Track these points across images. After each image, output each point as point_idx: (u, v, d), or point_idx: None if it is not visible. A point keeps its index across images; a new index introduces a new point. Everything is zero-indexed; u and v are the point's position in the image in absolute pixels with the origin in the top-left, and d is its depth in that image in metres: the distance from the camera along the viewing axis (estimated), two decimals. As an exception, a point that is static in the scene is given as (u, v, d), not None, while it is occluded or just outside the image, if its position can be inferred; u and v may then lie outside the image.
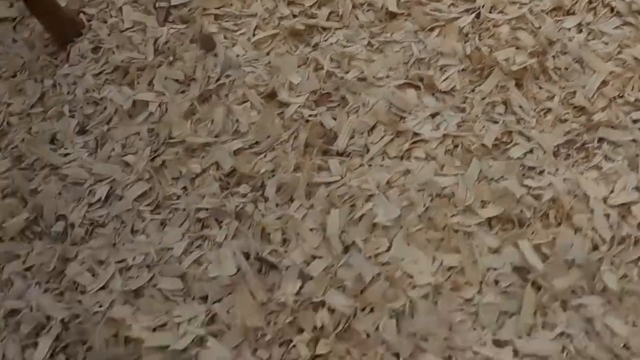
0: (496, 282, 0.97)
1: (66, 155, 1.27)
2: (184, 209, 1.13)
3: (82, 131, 1.31)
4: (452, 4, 1.31)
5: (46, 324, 1.05)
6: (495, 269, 0.97)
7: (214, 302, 1.02)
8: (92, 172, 1.22)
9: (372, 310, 0.95)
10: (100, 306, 1.03)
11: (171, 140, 1.23)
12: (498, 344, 0.91)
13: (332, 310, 0.96)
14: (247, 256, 1.05)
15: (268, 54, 1.33)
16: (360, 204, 1.05)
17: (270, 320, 0.98)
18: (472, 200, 1.04)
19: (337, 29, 1.32)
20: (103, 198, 1.17)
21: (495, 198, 1.04)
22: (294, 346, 0.95)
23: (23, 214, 1.19)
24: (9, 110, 1.39)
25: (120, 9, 1.45)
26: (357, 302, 0.96)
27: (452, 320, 0.93)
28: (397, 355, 0.91)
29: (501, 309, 0.94)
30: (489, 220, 1.03)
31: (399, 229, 1.03)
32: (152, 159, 1.21)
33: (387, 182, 1.07)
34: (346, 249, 1.03)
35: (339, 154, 1.14)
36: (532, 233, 1.00)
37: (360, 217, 1.04)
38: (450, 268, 0.98)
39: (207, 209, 1.12)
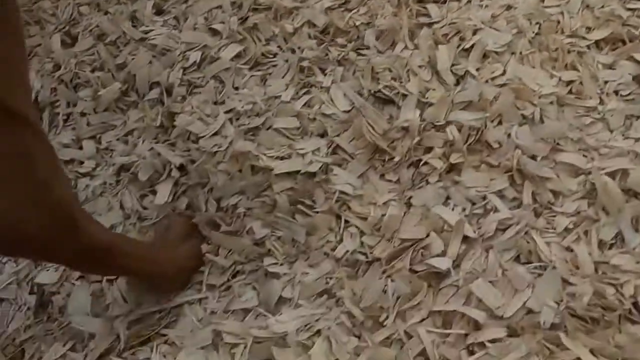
0: (616, 92, 0.98)
1: (148, 32, 1.26)
2: (284, 63, 1.13)
3: (160, 12, 1.30)
4: None
5: (163, 171, 1.04)
6: (614, 81, 0.99)
7: (334, 136, 1.02)
8: (181, 42, 1.21)
9: (500, 122, 0.96)
10: (220, 147, 1.02)
11: (257, 7, 1.22)
12: (631, 139, 0.93)
13: (459, 127, 0.96)
14: (359, 94, 1.05)
15: None
16: (468, 37, 1.06)
17: (395, 146, 0.98)
18: (578, 26, 1.05)
19: None
20: (198, 61, 1.17)
21: (601, 23, 1.05)
22: (425, 163, 0.96)
23: (116, 84, 1.18)
24: (77, 1, 1.37)
25: None
26: (485, 114, 0.96)
27: (581, 124, 0.95)
28: (533, 157, 0.92)
29: (627, 113, 0.95)
30: (597, 43, 1.04)
31: (510, 54, 1.04)
32: (242, 23, 1.20)
33: (492, 16, 1.08)
34: (458, 81, 1.04)
35: (435, 1, 1.15)
36: (645, 47, 1.01)
37: (471, 47, 1.05)
38: (569, 82, 0.99)
39: (309, 59, 1.11)
